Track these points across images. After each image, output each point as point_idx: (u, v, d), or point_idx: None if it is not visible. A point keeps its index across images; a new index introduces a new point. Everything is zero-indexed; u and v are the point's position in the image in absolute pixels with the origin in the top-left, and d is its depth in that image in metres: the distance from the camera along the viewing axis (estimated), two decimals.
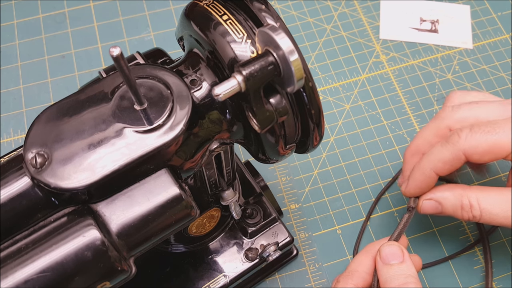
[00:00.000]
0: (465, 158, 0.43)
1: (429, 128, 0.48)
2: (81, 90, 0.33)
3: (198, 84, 0.33)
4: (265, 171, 0.57)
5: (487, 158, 0.43)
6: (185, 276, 0.48)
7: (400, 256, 0.43)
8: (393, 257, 0.43)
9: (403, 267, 0.42)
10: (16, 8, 0.68)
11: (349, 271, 0.45)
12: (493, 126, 0.42)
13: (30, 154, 0.30)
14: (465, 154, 0.43)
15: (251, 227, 0.49)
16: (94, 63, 0.64)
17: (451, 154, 0.43)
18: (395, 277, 0.42)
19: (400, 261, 0.43)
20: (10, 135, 0.60)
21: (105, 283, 0.31)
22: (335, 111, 0.61)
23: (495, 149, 0.42)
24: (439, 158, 0.44)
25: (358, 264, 0.45)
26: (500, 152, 0.42)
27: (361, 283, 0.44)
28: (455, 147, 0.43)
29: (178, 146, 0.32)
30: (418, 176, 0.46)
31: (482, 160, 0.43)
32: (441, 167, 0.44)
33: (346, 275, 0.45)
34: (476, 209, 0.43)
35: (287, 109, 0.32)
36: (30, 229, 0.31)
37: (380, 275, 0.43)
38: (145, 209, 0.31)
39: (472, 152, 0.42)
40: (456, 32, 0.66)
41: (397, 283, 0.41)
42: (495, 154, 0.42)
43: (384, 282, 0.42)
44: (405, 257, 0.43)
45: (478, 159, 0.43)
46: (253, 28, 0.32)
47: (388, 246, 0.44)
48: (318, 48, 0.65)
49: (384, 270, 0.43)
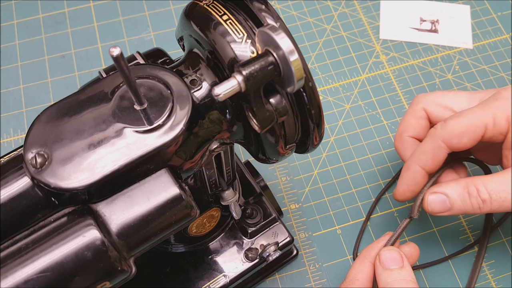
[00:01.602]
0: (445, 146, 0.45)
1: (407, 113, 0.50)
2: (81, 90, 0.33)
3: (198, 84, 0.33)
4: (265, 171, 0.57)
5: (466, 140, 0.44)
6: (185, 276, 0.48)
7: (400, 261, 0.43)
8: (393, 262, 0.43)
9: (403, 272, 0.42)
10: (16, 8, 0.68)
11: (349, 280, 0.45)
12: (462, 111, 0.45)
13: (30, 154, 0.30)
14: (444, 141, 0.45)
15: (251, 227, 0.49)
16: (94, 63, 0.64)
17: (431, 144, 0.45)
18: (395, 282, 0.42)
19: (400, 266, 0.43)
20: (10, 135, 0.60)
21: (105, 283, 0.31)
22: (335, 111, 0.61)
23: (470, 127, 0.44)
24: (422, 151, 0.46)
25: (357, 271, 0.45)
26: (475, 131, 0.44)
27: None
28: (433, 137, 0.45)
29: (178, 146, 0.32)
30: (404, 173, 0.47)
31: (462, 143, 0.44)
32: (425, 159, 0.46)
33: (347, 284, 0.45)
34: (484, 192, 0.43)
35: (287, 109, 0.32)
36: (30, 229, 0.31)
37: (379, 279, 0.43)
38: (145, 209, 0.31)
39: (450, 137, 0.44)
40: (456, 32, 0.66)
41: (399, 287, 0.41)
42: (472, 133, 0.44)
43: (384, 286, 0.42)
44: (405, 262, 0.43)
45: (457, 143, 0.45)
46: (253, 28, 0.32)
47: (388, 251, 0.44)
48: (318, 48, 0.65)
49: (384, 275, 0.42)
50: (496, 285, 0.52)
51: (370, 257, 0.45)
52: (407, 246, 0.47)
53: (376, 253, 0.45)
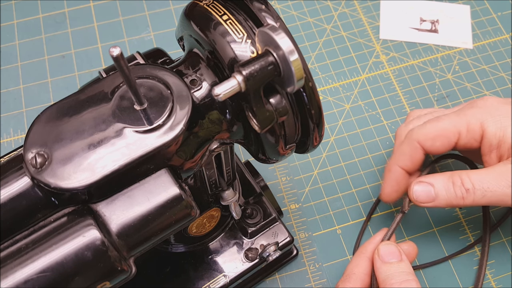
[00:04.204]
0: (420, 147, 0.47)
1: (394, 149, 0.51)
2: (81, 90, 0.33)
3: (198, 84, 0.33)
4: (265, 171, 0.57)
5: (439, 143, 0.47)
6: (185, 276, 0.48)
7: (398, 255, 0.44)
8: (392, 256, 0.44)
9: (402, 265, 0.43)
10: (16, 8, 0.68)
11: (346, 274, 0.45)
12: (439, 116, 0.48)
13: (30, 154, 0.30)
14: (419, 143, 0.47)
15: (251, 227, 0.49)
16: (94, 63, 0.64)
17: (408, 146, 0.48)
18: (395, 275, 0.42)
19: (399, 260, 0.43)
20: (10, 135, 0.60)
21: (105, 283, 0.31)
22: (335, 111, 0.61)
23: (444, 132, 0.46)
24: (400, 152, 0.49)
25: (354, 266, 0.46)
26: (448, 135, 0.46)
27: (359, 285, 0.44)
28: (410, 139, 0.48)
29: (178, 146, 0.32)
30: (385, 175, 0.50)
31: (434, 146, 0.47)
32: (403, 160, 0.48)
33: (344, 279, 0.45)
34: (467, 182, 0.44)
35: (287, 109, 0.32)
36: (30, 229, 0.31)
37: (379, 273, 0.43)
38: (145, 209, 0.31)
39: (424, 139, 0.47)
40: (456, 32, 0.66)
41: (398, 280, 0.42)
42: (445, 137, 0.46)
43: (384, 280, 0.42)
44: (403, 256, 0.44)
45: (431, 146, 0.47)
46: (253, 28, 0.32)
47: (386, 245, 0.44)
48: (318, 48, 0.65)
49: (384, 268, 0.43)
50: (496, 285, 0.52)
51: (366, 252, 0.46)
52: (405, 245, 0.48)
53: (373, 248, 0.46)
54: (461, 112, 0.47)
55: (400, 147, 0.49)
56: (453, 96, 0.62)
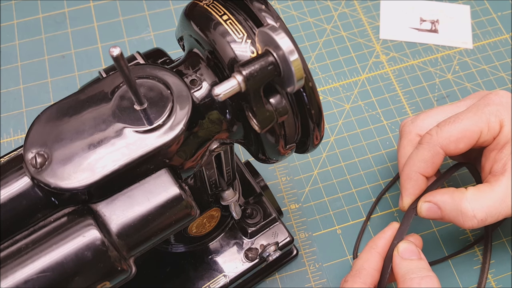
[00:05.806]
0: (443, 152, 0.46)
1: (403, 145, 0.50)
2: (81, 90, 0.33)
3: (198, 84, 0.33)
4: (265, 171, 0.57)
5: (462, 145, 0.45)
6: (185, 276, 0.48)
7: (418, 253, 0.44)
8: (412, 253, 0.44)
9: (422, 262, 0.44)
10: (16, 8, 0.68)
11: (356, 269, 0.45)
12: (456, 116, 0.46)
13: (30, 154, 0.30)
14: (442, 147, 0.45)
15: (251, 227, 0.49)
16: (94, 63, 0.64)
17: (429, 152, 0.46)
18: (416, 270, 0.43)
19: (418, 258, 0.44)
20: (10, 135, 0.60)
21: (105, 283, 0.31)
22: (335, 111, 0.61)
23: (466, 133, 0.45)
24: (420, 159, 0.46)
25: (364, 261, 0.45)
26: (472, 136, 0.45)
27: (369, 280, 0.44)
28: (431, 144, 0.46)
29: (178, 146, 0.32)
30: (406, 184, 0.47)
31: (458, 148, 0.45)
32: (424, 167, 0.46)
33: (353, 274, 0.45)
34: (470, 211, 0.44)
35: (287, 109, 0.32)
36: (30, 229, 0.31)
37: (398, 268, 0.43)
38: (145, 209, 0.31)
39: (448, 143, 0.45)
40: (456, 32, 0.66)
41: (420, 275, 0.42)
42: (468, 138, 0.45)
43: (404, 274, 0.42)
44: (422, 256, 0.44)
45: (454, 148, 0.45)
46: (253, 28, 0.32)
47: (406, 243, 0.45)
48: (318, 48, 0.65)
49: (404, 264, 0.43)
50: (496, 285, 0.52)
51: (377, 248, 0.45)
52: (411, 237, 0.47)
53: (384, 243, 0.46)
54: (478, 110, 0.45)
55: (419, 153, 0.46)
56: (453, 96, 0.62)
